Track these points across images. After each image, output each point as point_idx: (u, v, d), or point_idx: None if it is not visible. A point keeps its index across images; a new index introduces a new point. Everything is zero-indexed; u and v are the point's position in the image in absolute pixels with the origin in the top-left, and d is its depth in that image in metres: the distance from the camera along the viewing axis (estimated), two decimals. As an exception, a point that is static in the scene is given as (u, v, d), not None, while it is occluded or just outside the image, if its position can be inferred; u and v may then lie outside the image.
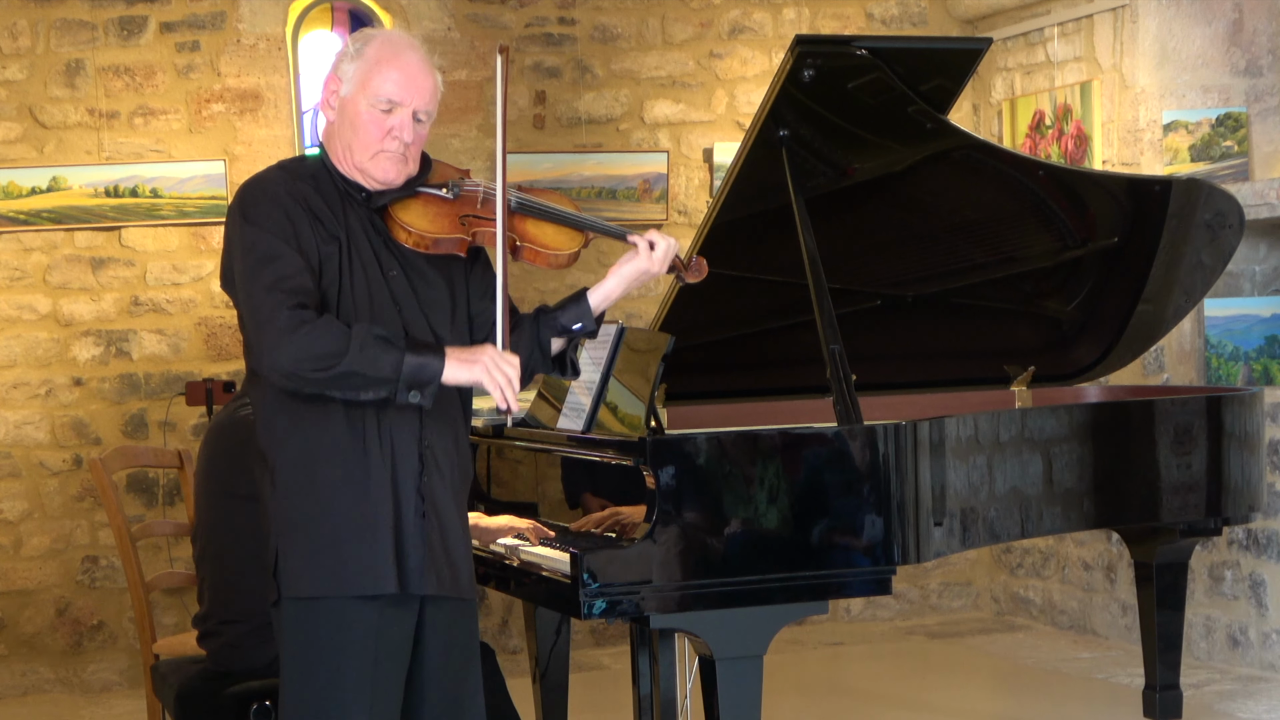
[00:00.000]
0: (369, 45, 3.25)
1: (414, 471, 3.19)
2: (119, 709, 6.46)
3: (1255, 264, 6.60)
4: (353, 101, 3.22)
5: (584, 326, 3.36)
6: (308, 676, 3.18)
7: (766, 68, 7.47)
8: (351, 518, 3.15)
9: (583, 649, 7.03)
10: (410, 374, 3.07)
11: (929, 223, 4.86)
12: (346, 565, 3.14)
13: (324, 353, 3.05)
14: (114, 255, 6.83)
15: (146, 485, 6.83)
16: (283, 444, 3.19)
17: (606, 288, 3.37)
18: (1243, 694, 6.00)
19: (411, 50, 3.25)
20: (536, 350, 3.36)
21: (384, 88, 3.20)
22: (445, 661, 3.28)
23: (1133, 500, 4.63)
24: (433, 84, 3.25)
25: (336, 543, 3.15)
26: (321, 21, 7.25)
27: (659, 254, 3.35)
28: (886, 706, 6.10)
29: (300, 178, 3.24)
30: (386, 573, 3.15)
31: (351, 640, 3.16)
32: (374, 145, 3.21)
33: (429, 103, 3.24)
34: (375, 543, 3.15)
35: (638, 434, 3.73)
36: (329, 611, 3.16)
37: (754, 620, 3.65)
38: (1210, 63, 6.75)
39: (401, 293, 3.23)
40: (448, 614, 3.27)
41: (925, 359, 5.14)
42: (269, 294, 3.08)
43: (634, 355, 3.93)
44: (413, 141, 3.23)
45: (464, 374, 3.11)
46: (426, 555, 3.19)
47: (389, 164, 3.22)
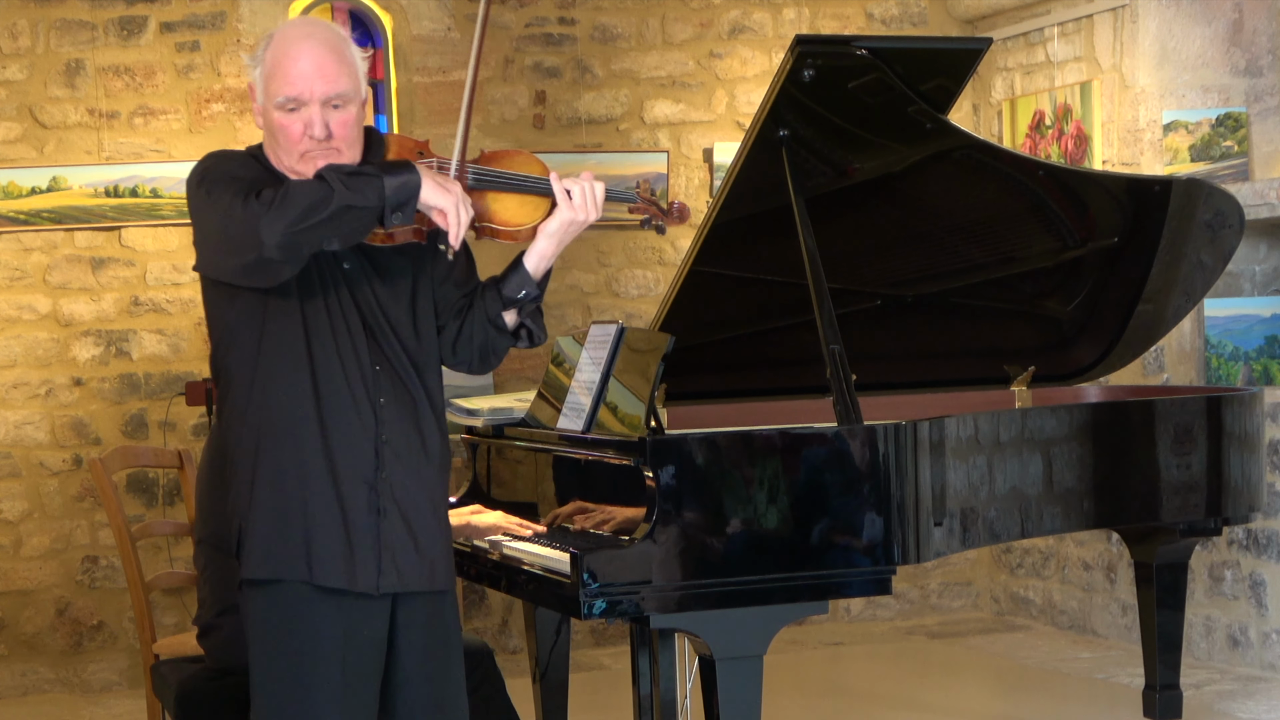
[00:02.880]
0: (267, 48, 3.17)
1: (368, 468, 3.14)
2: (119, 709, 6.46)
3: (1255, 264, 6.60)
4: (266, 110, 3.15)
5: (528, 293, 3.27)
6: (274, 662, 3.14)
7: (766, 68, 7.47)
8: (298, 506, 3.12)
9: (583, 649, 7.03)
10: (394, 194, 3.02)
11: (929, 223, 4.86)
12: (298, 552, 3.11)
13: (312, 203, 2.97)
14: (114, 255, 6.83)
15: (146, 485, 6.83)
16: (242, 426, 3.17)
17: (539, 248, 3.27)
18: (1243, 694, 6.00)
19: (306, 39, 3.14)
20: (489, 327, 3.29)
21: (282, 89, 3.10)
22: (425, 659, 3.23)
23: (1133, 500, 4.63)
24: (336, 65, 3.12)
25: (287, 529, 3.12)
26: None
27: (578, 199, 3.24)
28: (886, 706, 6.10)
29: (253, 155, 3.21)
30: (334, 567, 3.11)
31: (316, 626, 3.11)
32: (296, 148, 3.12)
33: (335, 86, 3.11)
34: (321, 537, 3.11)
35: (638, 434, 3.73)
36: (289, 597, 3.12)
37: (754, 620, 3.65)
38: (1210, 63, 6.76)
39: (357, 287, 3.17)
40: (424, 609, 3.22)
41: (925, 359, 5.14)
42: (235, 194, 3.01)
43: (634, 355, 3.93)
44: (333, 131, 3.11)
45: (438, 197, 3.06)
46: (382, 552, 3.13)
47: (318, 161, 3.12)
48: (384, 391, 3.17)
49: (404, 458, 3.18)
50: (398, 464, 3.17)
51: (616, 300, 7.32)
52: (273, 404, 3.14)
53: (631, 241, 7.29)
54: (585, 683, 6.34)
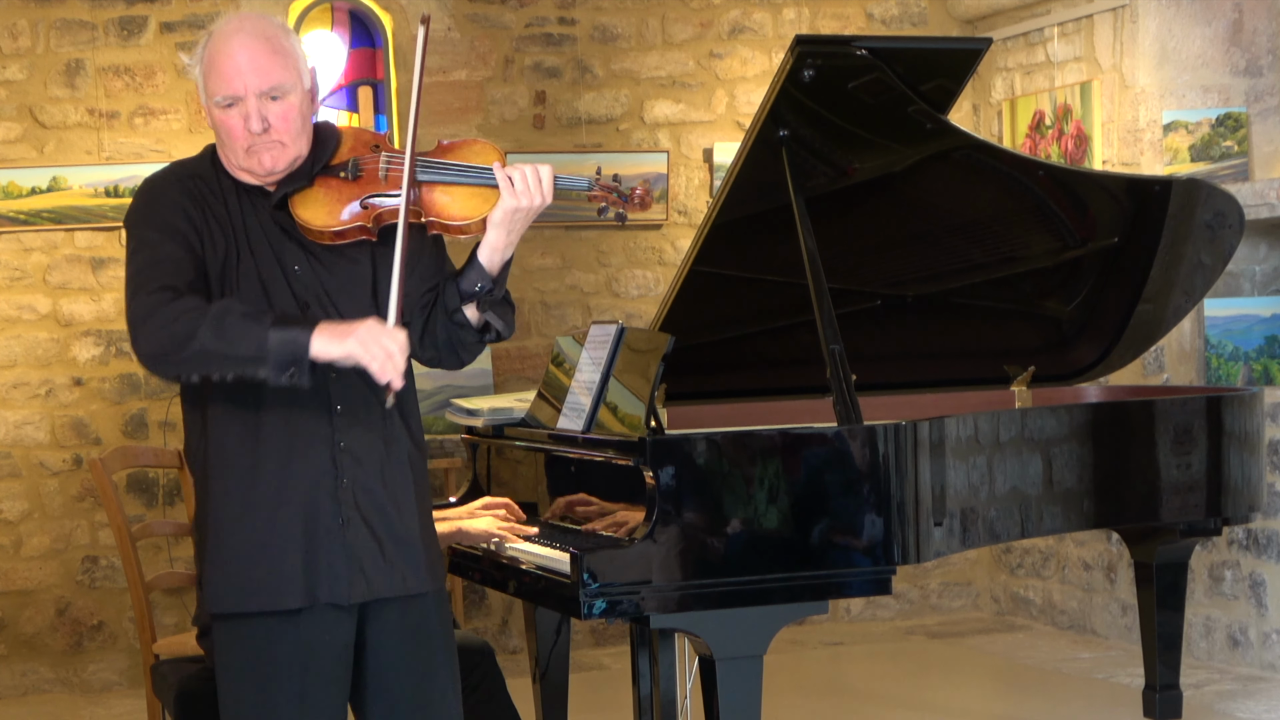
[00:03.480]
0: (205, 46, 3.08)
1: (327, 479, 3.04)
2: (119, 709, 6.46)
3: (1255, 264, 6.60)
4: (208, 110, 3.11)
5: (483, 286, 3.09)
6: (237, 694, 3.11)
7: (766, 68, 7.47)
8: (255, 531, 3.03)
9: (583, 649, 7.03)
10: (278, 350, 2.87)
11: (929, 223, 4.86)
12: (253, 582, 3.04)
13: (175, 335, 2.89)
14: (114, 255, 6.82)
15: (146, 485, 6.83)
16: (196, 457, 3.11)
17: (489, 240, 3.09)
18: (1243, 694, 6.00)
19: (236, 34, 3.04)
20: (450, 323, 3.14)
21: (218, 87, 3.04)
22: (405, 661, 3.14)
23: (1133, 500, 4.63)
24: (268, 56, 3.02)
25: (243, 559, 3.04)
26: (321, 21, 7.25)
27: (519, 185, 3.05)
28: (886, 706, 6.10)
29: (192, 173, 3.16)
30: (293, 587, 3.03)
31: (274, 656, 3.06)
32: (239, 144, 3.06)
33: (269, 78, 3.02)
34: (279, 558, 3.03)
35: (638, 434, 3.73)
36: (247, 627, 3.07)
37: (754, 620, 3.65)
38: (1210, 63, 6.75)
39: (308, 290, 3.07)
40: (398, 614, 3.13)
41: (925, 359, 5.14)
42: (132, 282, 2.98)
43: (634, 355, 3.93)
44: (275, 125, 3.03)
45: (335, 348, 2.89)
46: (348, 563, 3.05)
47: (262, 154, 3.05)
48: (340, 397, 3.05)
49: (365, 463, 3.07)
50: (358, 469, 3.07)
51: (616, 300, 7.32)
52: (219, 433, 3.04)
53: (632, 241, 7.29)
54: (585, 683, 6.34)
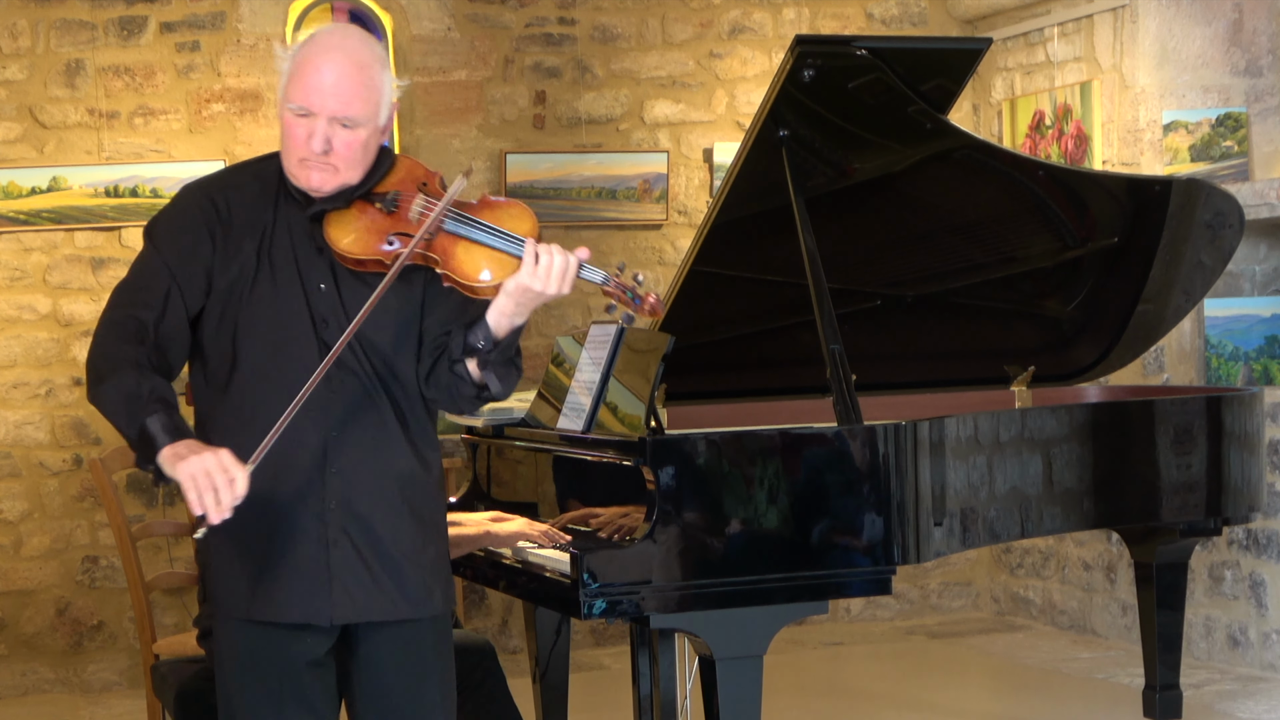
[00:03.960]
0: (300, 48, 3.06)
1: (316, 501, 3.03)
2: (119, 709, 6.46)
3: (1255, 264, 6.60)
4: (281, 106, 3.08)
5: (484, 345, 3.02)
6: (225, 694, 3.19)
7: (766, 68, 7.47)
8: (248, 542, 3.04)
9: (583, 649, 7.03)
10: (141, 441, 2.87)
11: (929, 223, 4.86)
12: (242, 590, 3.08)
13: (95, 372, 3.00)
14: (114, 255, 6.82)
15: (146, 485, 6.83)
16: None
17: (498, 304, 3.02)
18: (1243, 694, 6.00)
19: (334, 51, 3.02)
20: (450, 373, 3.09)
21: (296, 93, 3.02)
22: (391, 682, 3.13)
23: (1133, 500, 4.63)
24: (354, 87, 3.00)
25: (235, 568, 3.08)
26: (321, 21, 7.25)
27: (543, 268, 2.98)
28: (886, 706, 6.10)
29: (232, 184, 3.17)
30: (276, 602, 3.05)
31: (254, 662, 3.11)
32: (295, 152, 3.06)
33: (348, 108, 3.00)
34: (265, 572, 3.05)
35: (638, 434, 3.73)
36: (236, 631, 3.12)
37: (754, 620, 3.65)
38: (1210, 63, 6.75)
39: (326, 309, 3.05)
40: (391, 636, 3.11)
41: (925, 359, 5.14)
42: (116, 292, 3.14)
43: (634, 355, 3.93)
44: (335, 149, 3.02)
45: (169, 468, 2.84)
46: (328, 587, 3.04)
47: (311, 172, 3.04)
48: (336, 422, 3.03)
49: (358, 487, 3.05)
50: (351, 493, 3.04)
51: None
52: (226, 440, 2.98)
53: (632, 241, 7.29)
54: (585, 683, 6.34)
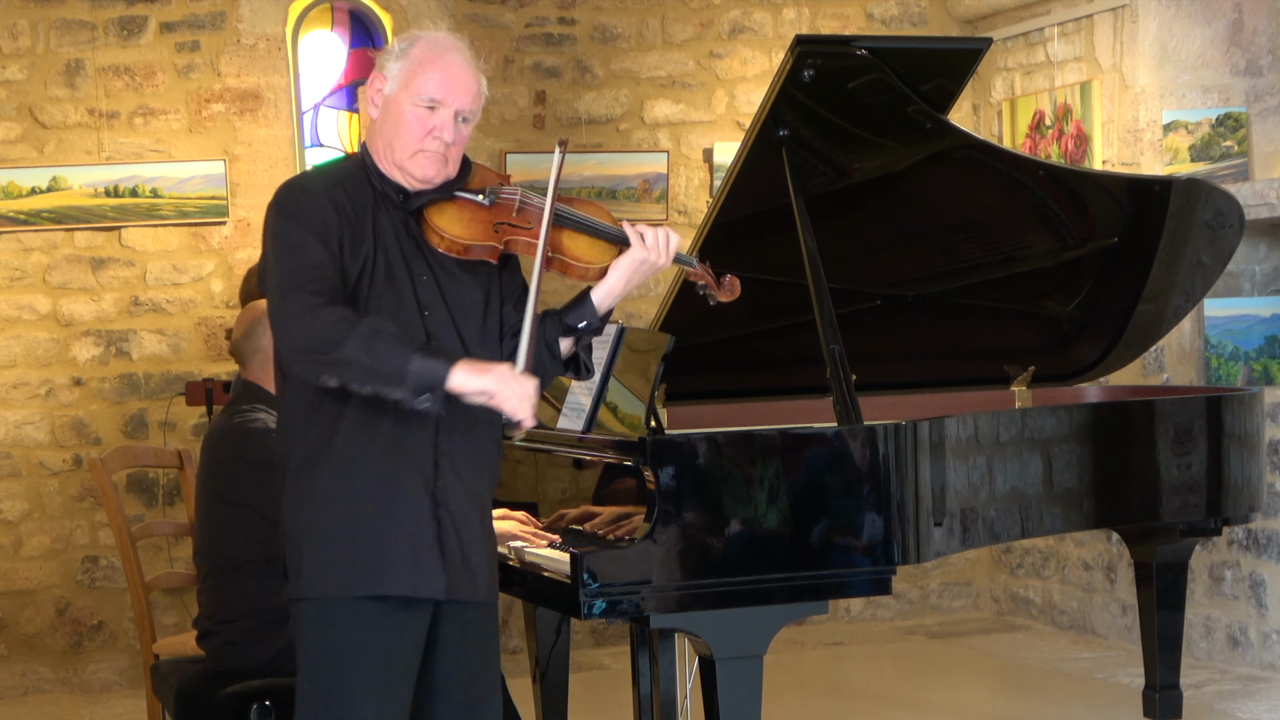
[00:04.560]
0: (414, 45, 3.27)
1: (428, 477, 3.21)
2: (119, 709, 6.46)
3: (1255, 264, 6.60)
4: (396, 100, 3.24)
5: (589, 324, 3.35)
6: (318, 675, 3.21)
7: (766, 68, 7.47)
8: (360, 521, 3.17)
9: (583, 649, 7.03)
10: (416, 375, 3.06)
11: (929, 223, 4.86)
12: (355, 568, 3.17)
13: (326, 338, 3.05)
14: (114, 255, 6.83)
15: (146, 485, 6.83)
16: (296, 445, 3.23)
17: (608, 284, 3.34)
18: (1243, 694, 6.00)
19: (456, 51, 3.27)
20: (545, 353, 3.36)
21: (427, 86, 3.22)
22: (461, 662, 3.30)
23: (1133, 500, 4.63)
24: (477, 86, 3.27)
25: (345, 545, 3.17)
26: (321, 21, 7.25)
27: (652, 243, 3.33)
28: (886, 706, 6.10)
29: (336, 182, 3.27)
30: (398, 575, 3.17)
31: (361, 640, 3.18)
32: (414, 144, 3.23)
33: (472, 104, 3.25)
34: (386, 546, 3.17)
35: (638, 434, 3.73)
36: (340, 611, 3.18)
37: (754, 620, 3.65)
38: (1210, 63, 6.75)
39: (429, 298, 3.25)
40: (464, 616, 3.28)
41: (925, 359, 5.14)
42: (287, 279, 3.12)
43: (634, 355, 3.93)
44: (454, 142, 3.24)
45: (473, 382, 3.09)
46: (440, 561, 3.20)
47: (428, 163, 3.23)
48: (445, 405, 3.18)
49: (459, 470, 3.24)
50: (453, 475, 3.23)
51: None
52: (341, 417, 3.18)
53: (631, 241, 7.28)
54: (585, 683, 6.34)
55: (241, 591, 4.15)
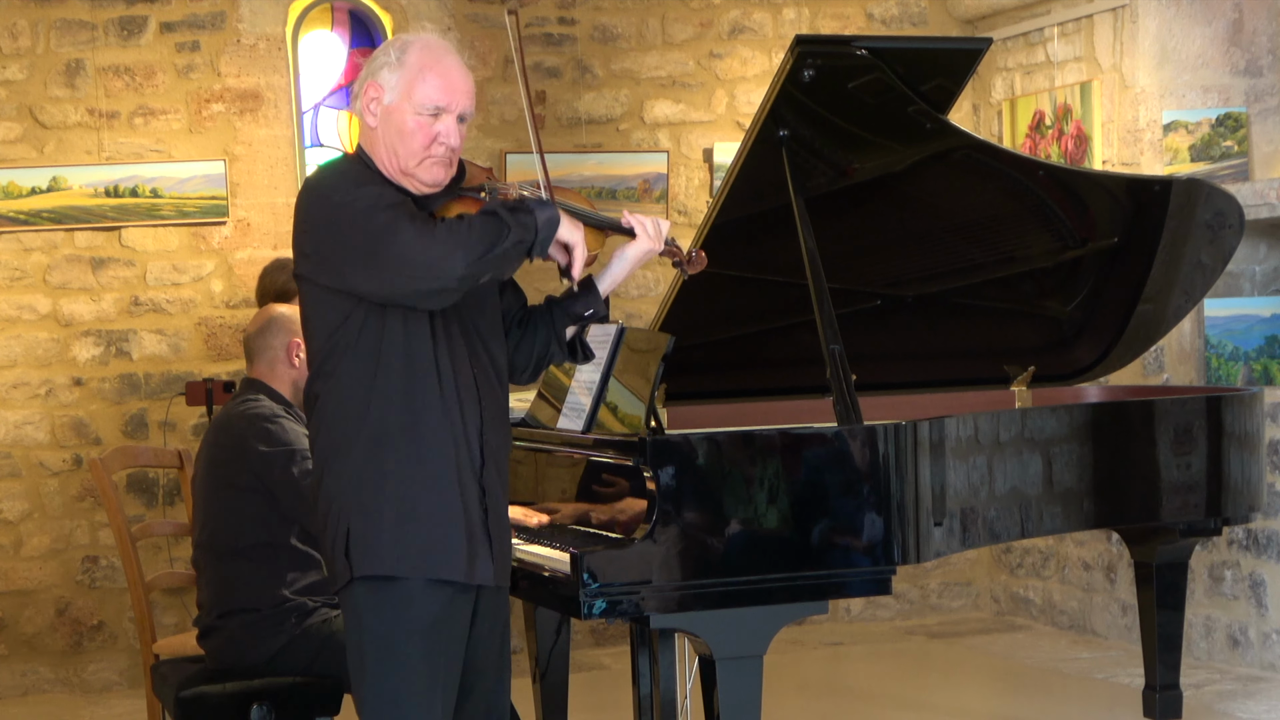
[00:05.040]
0: (409, 52, 3.30)
1: (477, 465, 3.28)
2: (119, 709, 6.46)
3: (1255, 264, 6.60)
4: (398, 109, 3.26)
5: (596, 312, 3.45)
6: (384, 657, 3.24)
7: (766, 68, 7.47)
8: (423, 504, 3.23)
9: (583, 649, 7.03)
10: (543, 229, 3.21)
11: (929, 223, 4.86)
12: (422, 549, 3.22)
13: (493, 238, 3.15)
14: (114, 255, 6.83)
15: (146, 485, 6.83)
16: (358, 428, 3.25)
17: (612, 272, 3.45)
18: (1243, 694, 6.00)
19: (450, 54, 3.33)
20: (554, 340, 3.46)
21: (430, 95, 3.26)
22: (493, 644, 3.39)
23: (1133, 500, 4.63)
24: (472, 85, 3.34)
25: (410, 526, 3.22)
26: (321, 21, 7.25)
27: (658, 231, 3.42)
28: (886, 706, 6.11)
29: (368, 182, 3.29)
30: (457, 562, 3.24)
31: (422, 623, 3.23)
32: (421, 151, 3.27)
33: (471, 105, 3.32)
34: (447, 530, 3.24)
35: (638, 434, 3.73)
36: (401, 593, 3.22)
37: (754, 620, 3.65)
38: (1210, 63, 6.75)
39: None
40: (495, 600, 3.38)
41: (925, 359, 5.14)
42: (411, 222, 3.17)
43: (634, 355, 3.93)
44: (458, 144, 3.30)
45: (571, 233, 3.26)
46: (491, 547, 3.29)
47: (437, 168, 3.28)
48: (484, 394, 3.32)
49: (497, 457, 3.35)
50: (493, 463, 3.33)
51: (617, 300, 7.30)
52: (401, 407, 3.24)
53: (631, 241, 7.28)
54: (585, 683, 6.34)
55: (243, 580, 4.16)
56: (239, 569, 4.18)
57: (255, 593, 4.16)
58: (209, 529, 4.27)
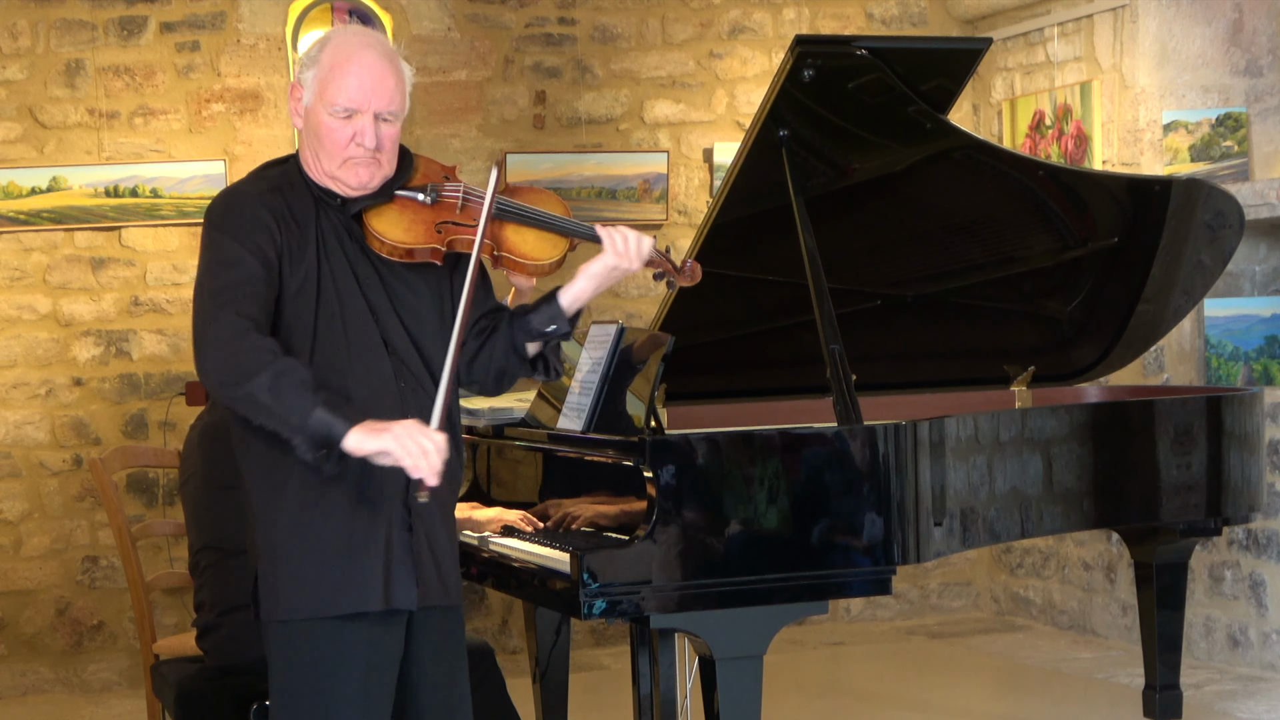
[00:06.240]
0: (324, 50, 3.13)
1: (399, 487, 3.10)
2: (119, 709, 6.46)
3: (1255, 264, 6.60)
4: (314, 111, 3.13)
5: (558, 329, 3.26)
6: (298, 696, 3.13)
7: (766, 68, 7.47)
8: (333, 539, 3.08)
9: (583, 649, 7.04)
10: (314, 429, 2.92)
11: (929, 223, 4.86)
12: (330, 586, 3.09)
13: (240, 369, 2.93)
14: (114, 255, 6.83)
15: (146, 485, 6.83)
16: (256, 467, 3.13)
17: (576, 288, 3.26)
18: (1243, 694, 6.00)
19: (366, 50, 3.12)
20: (512, 355, 3.28)
21: (339, 96, 3.09)
22: (435, 668, 3.25)
23: (1133, 500, 4.63)
24: (394, 81, 3.12)
25: (318, 564, 3.09)
26: (321, 21, 7.25)
27: (628, 248, 3.24)
28: (886, 706, 6.11)
29: (273, 187, 3.16)
30: (372, 591, 3.10)
31: (341, 659, 3.10)
32: (339, 153, 3.11)
33: (391, 103, 3.12)
34: (360, 562, 3.09)
35: (638, 434, 3.73)
36: (314, 632, 3.10)
37: (754, 620, 3.65)
38: (1210, 63, 6.75)
39: (378, 302, 3.15)
40: (435, 621, 3.23)
41: (925, 359, 5.14)
42: (214, 298, 3.00)
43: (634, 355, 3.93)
44: (381, 144, 3.12)
45: (370, 443, 2.92)
46: (414, 570, 3.14)
47: (360, 169, 3.12)
48: (410, 411, 3.09)
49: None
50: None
51: (616, 300, 7.32)
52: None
53: (631, 241, 7.28)
54: (585, 683, 6.34)
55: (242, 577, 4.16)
56: (238, 567, 4.18)
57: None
58: (206, 533, 4.27)
